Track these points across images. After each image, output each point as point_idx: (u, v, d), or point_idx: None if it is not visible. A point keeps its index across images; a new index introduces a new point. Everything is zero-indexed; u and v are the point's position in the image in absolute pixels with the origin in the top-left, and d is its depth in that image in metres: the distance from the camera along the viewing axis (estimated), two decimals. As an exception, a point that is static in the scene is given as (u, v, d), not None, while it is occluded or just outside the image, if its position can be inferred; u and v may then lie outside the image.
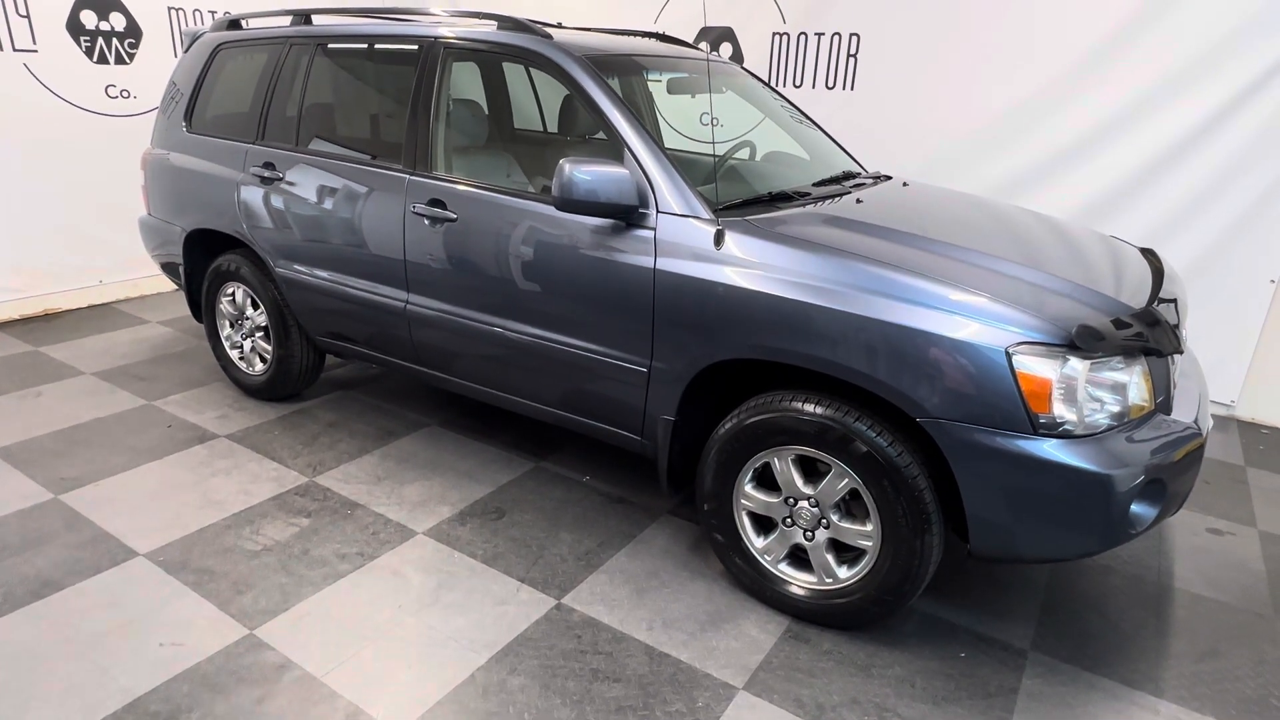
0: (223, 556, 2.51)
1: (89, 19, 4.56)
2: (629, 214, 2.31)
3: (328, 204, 3.00)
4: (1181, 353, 2.05)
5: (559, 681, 2.05)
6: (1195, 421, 2.08)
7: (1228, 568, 2.66)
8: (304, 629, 2.20)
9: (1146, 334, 1.96)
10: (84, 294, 4.89)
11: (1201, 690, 2.11)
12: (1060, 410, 1.84)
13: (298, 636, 2.17)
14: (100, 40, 4.63)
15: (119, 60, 4.74)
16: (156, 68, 4.86)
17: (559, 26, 3.08)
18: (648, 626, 2.27)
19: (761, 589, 2.34)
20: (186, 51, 3.62)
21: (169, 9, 4.86)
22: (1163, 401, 2.06)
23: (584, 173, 2.21)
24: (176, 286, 3.98)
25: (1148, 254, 2.64)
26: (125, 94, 4.81)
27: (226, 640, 2.15)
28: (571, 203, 2.25)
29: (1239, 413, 3.87)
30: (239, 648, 2.13)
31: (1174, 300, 2.29)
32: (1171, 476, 1.95)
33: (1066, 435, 1.85)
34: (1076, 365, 1.85)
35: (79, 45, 4.55)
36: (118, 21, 4.68)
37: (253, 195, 3.23)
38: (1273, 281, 3.62)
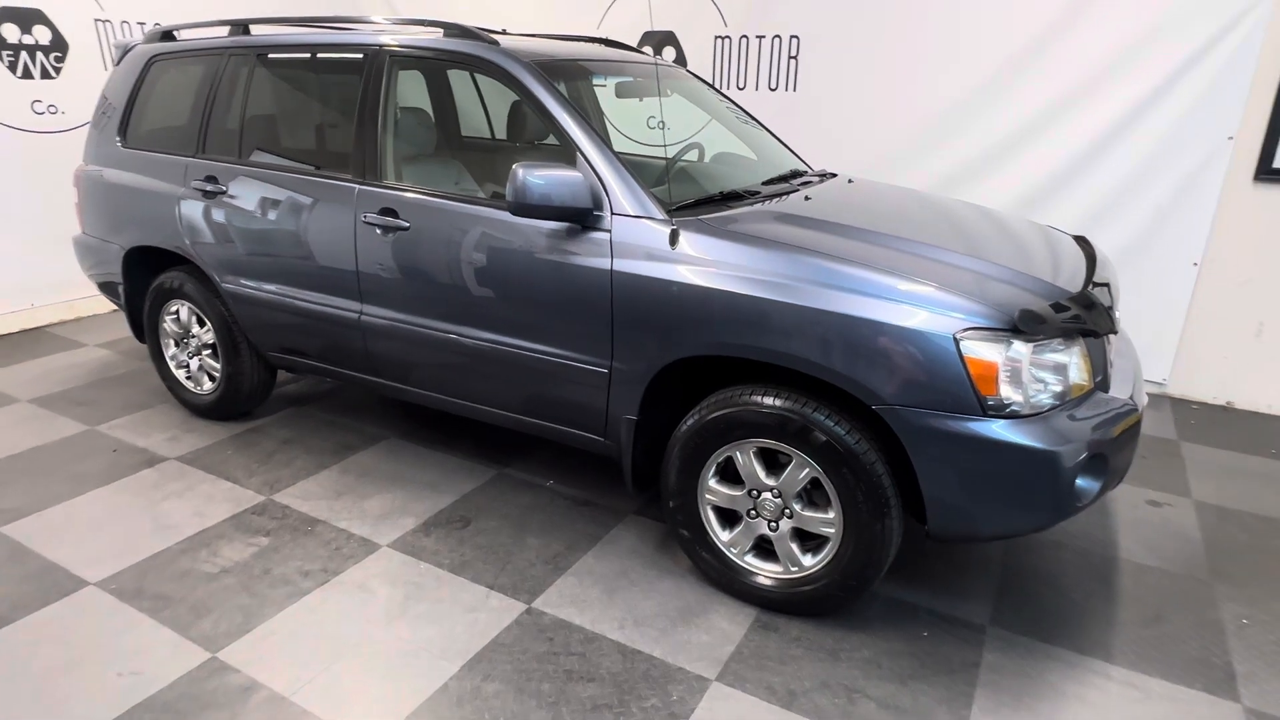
0: (179, 581, 2.44)
1: (10, 32, 4.39)
2: (583, 217, 2.33)
3: (275, 216, 2.95)
4: (1116, 333, 2.16)
5: (533, 684, 2.05)
6: (1131, 398, 2.18)
7: (1167, 537, 2.79)
8: (269, 649, 2.16)
9: (1083, 316, 2.05)
10: (14, 318, 4.70)
11: (1149, 653, 2.22)
12: (1007, 392, 1.92)
13: (263, 657, 2.13)
14: (24, 54, 4.46)
15: (45, 75, 4.57)
16: (85, 82, 4.70)
17: (503, 33, 3.09)
18: (619, 625, 2.28)
19: (729, 581, 2.38)
20: (118, 64, 3.52)
21: (95, 21, 4.71)
22: (1101, 380, 2.16)
23: (537, 177, 2.23)
24: (115, 307, 3.86)
25: (1081, 241, 2.76)
26: (52, 109, 4.64)
27: (188, 665, 2.09)
28: (526, 207, 2.26)
29: (1171, 390, 4.06)
30: (201, 672, 2.07)
31: (1107, 284, 2.40)
32: (1113, 451, 2.05)
33: (1014, 415, 1.93)
34: (1020, 348, 1.93)
35: (1, 60, 4.37)
36: (42, 35, 4.51)
37: (196, 210, 3.15)
38: (1195, 264, 3.81)
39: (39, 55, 4.52)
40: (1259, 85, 3.53)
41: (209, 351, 3.44)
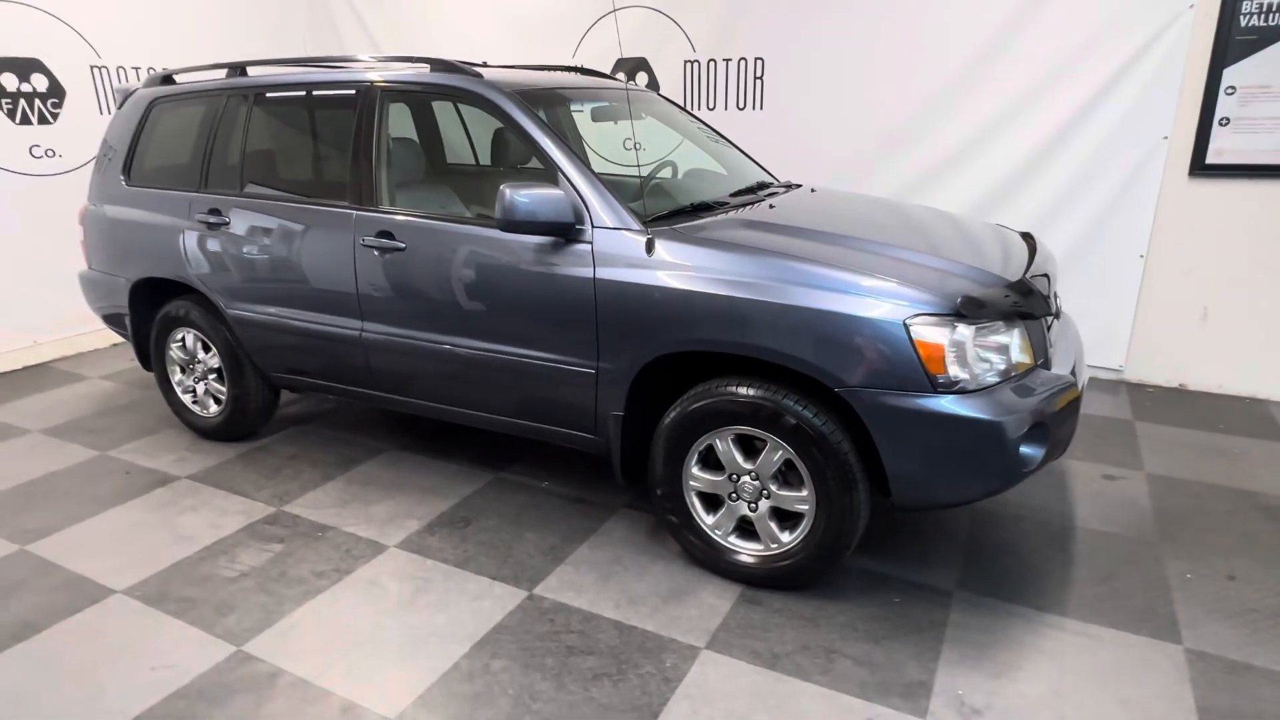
0: (201, 585, 2.60)
1: (9, 81, 4.58)
2: (566, 231, 2.54)
3: (278, 244, 3.14)
4: (1052, 315, 2.38)
5: (538, 660, 2.23)
6: (1073, 374, 2.40)
7: (1120, 506, 3.01)
8: (291, 640, 2.33)
9: (1021, 302, 2.28)
10: (18, 355, 4.85)
11: (1101, 607, 2.42)
12: (954, 370, 2.14)
13: (286, 647, 2.30)
14: (22, 101, 4.65)
15: (42, 120, 4.75)
16: (82, 125, 4.90)
17: (485, 65, 3.31)
18: (615, 605, 2.46)
19: (715, 562, 2.57)
20: (120, 108, 3.71)
21: (92, 67, 4.91)
22: (1043, 361, 2.39)
23: (524, 196, 2.44)
24: (122, 338, 4.02)
25: (1026, 237, 3.00)
26: (50, 153, 4.82)
27: (216, 658, 2.26)
28: (514, 224, 2.47)
29: (1127, 376, 4.31)
30: (230, 663, 2.24)
31: (1046, 274, 2.63)
32: (1054, 422, 2.27)
33: (962, 391, 2.14)
34: (964, 331, 2.15)
35: (0, 108, 4.56)
36: (39, 83, 4.71)
37: (201, 241, 3.34)
38: (1141, 256, 4.07)
39: (37, 102, 4.71)
40: (1187, 89, 3.81)
41: (215, 375, 3.61)
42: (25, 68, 4.63)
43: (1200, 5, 3.70)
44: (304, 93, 3.24)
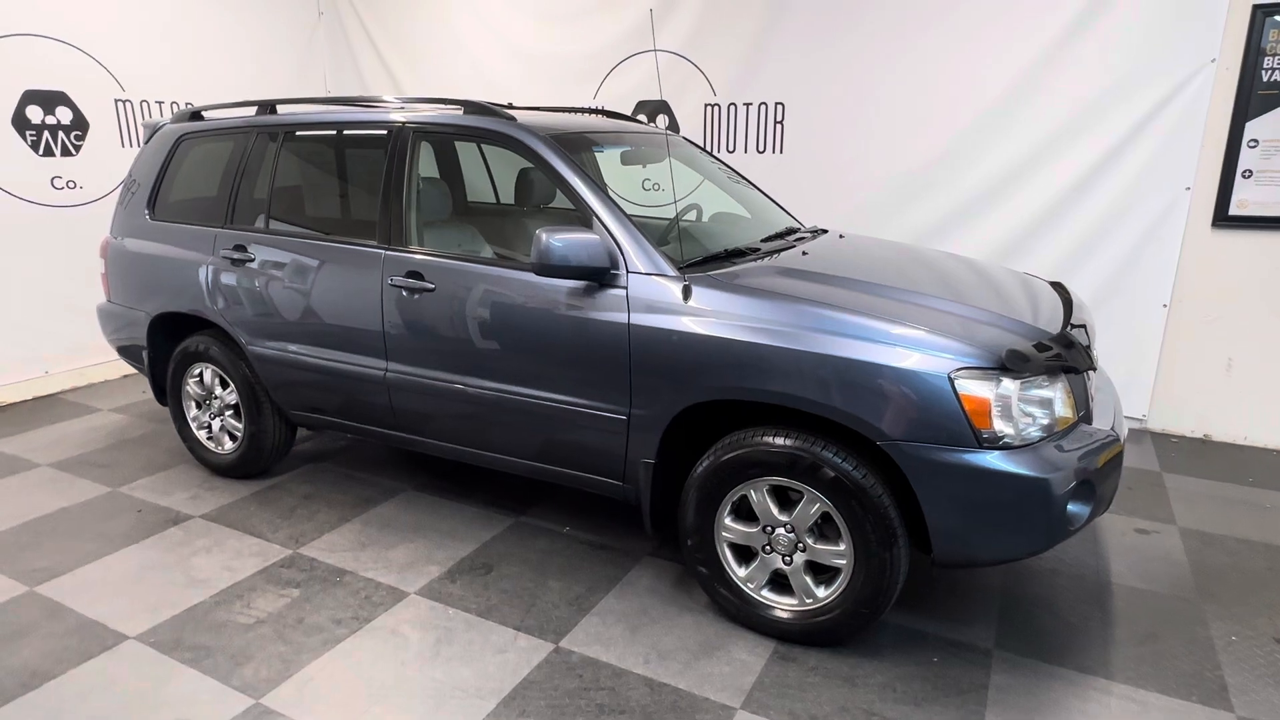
0: (216, 632, 2.53)
1: (35, 114, 4.61)
2: (601, 275, 2.52)
3: (304, 282, 3.12)
4: (1095, 369, 2.35)
5: (568, 718, 2.15)
6: (1113, 429, 2.36)
7: (1156, 562, 2.94)
8: (311, 693, 2.25)
9: (1064, 354, 2.25)
10: (28, 386, 4.80)
11: (1145, 670, 2.35)
12: (999, 425, 2.09)
13: (306, 701, 2.22)
14: (46, 134, 4.67)
15: (65, 152, 4.77)
16: (104, 158, 4.92)
17: (510, 106, 3.32)
18: (644, 660, 2.39)
19: (747, 616, 2.50)
20: (147, 143, 3.72)
21: (116, 101, 4.95)
22: (1084, 415, 2.35)
23: (559, 240, 2.42)
24: (133, 371, 3.98)
25: (1057, 286, 2.98)
26: (71, 185, 4.83)
27: (234, 711, 2.18)
28: (549, 267, 2.45)
29: (1151, 426, 4.26)
30: (248, 717, 2.15)
31: (1084, 325, 2.61)
32: (1099, 478, 2.22)
33: (1007, 447, 2.10)
34: (1009, 385, 2.11)
35: (24, 139, 4.58)
36: (64, 115, 4.73)
37: (225, 277, 3.32)
38: (1164, 306, 4.06)
39: (60, 134, 4.74)
40: (1209, 141, 3.83)
41: (231, 412, 3.56)
42: (51, 100, 4.67)
43: (1222, 60, 3.73)
44: (334, 132, 3.25)
